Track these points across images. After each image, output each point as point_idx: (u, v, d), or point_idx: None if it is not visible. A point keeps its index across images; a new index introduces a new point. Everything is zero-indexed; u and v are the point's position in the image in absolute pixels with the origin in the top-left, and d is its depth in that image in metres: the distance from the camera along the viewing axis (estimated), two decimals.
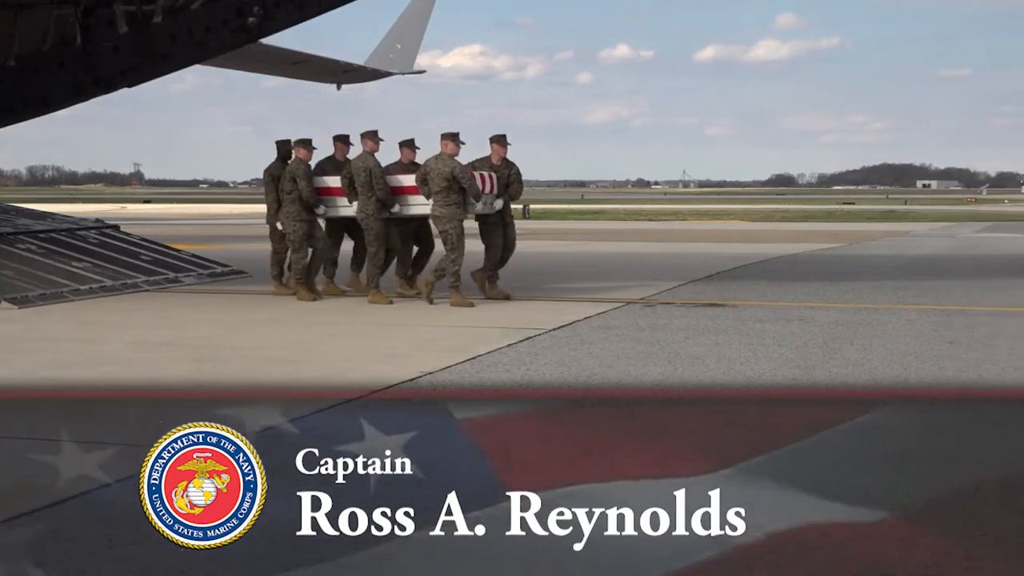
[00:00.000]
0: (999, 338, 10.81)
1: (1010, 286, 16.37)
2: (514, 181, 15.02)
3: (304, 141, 15.07)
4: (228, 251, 24.47)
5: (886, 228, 40.95)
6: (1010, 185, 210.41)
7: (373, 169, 14.45)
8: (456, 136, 14.30)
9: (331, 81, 35.84)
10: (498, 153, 15.00)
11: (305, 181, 14.78)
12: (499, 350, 10.04)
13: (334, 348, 10.66)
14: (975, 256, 24.60)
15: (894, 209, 69.14)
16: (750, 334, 11.12)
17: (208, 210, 67.66)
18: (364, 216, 14.53)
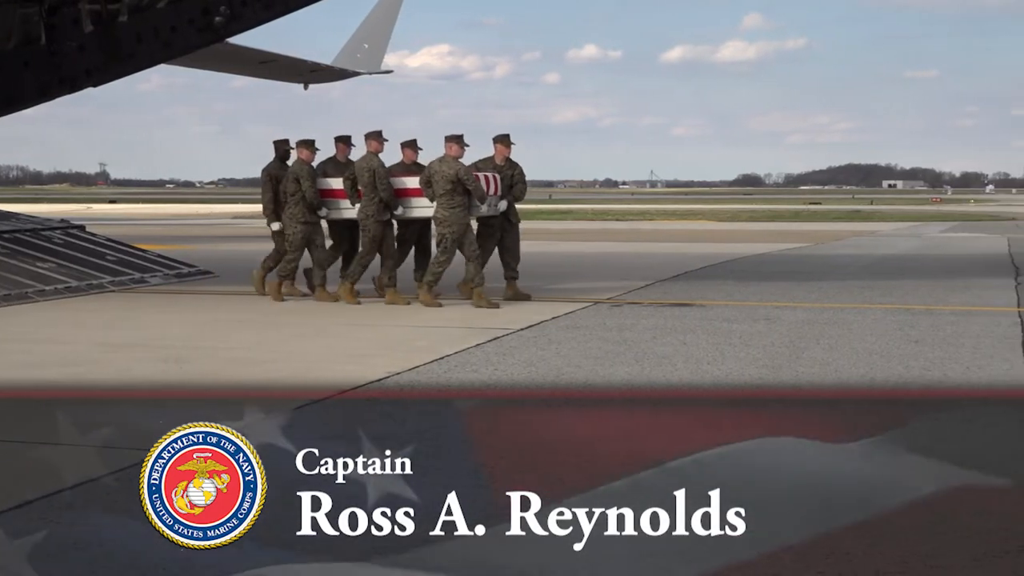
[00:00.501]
0: (964, 337, 10.87)
1: (974, 285, 16.47)
2: (518, 181, 14.84)
3: (307, 142, 14.86)
4: (195, 251, 24.37)
5: (852, 228, 41.15)
6: (975, 185, 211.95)
7: (377, 170, 14.26)
8: (460, 138, 14.13)
9: (298, 81, 35.78)
10: (502, 153, 14.82)
11: (309, 182, 14.61)
12: (467, 350, 10.04)
13: (301, 348, 10.63)
14: (940, 256, 24.75)
15: (860, 209, 69.47)
16: (717, 334, 11.15)
17: (174, 210, 67.36)
18: (364, 217, 14.34)
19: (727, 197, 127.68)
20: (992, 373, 8.85)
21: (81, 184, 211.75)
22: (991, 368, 9.08)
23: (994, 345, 10.33)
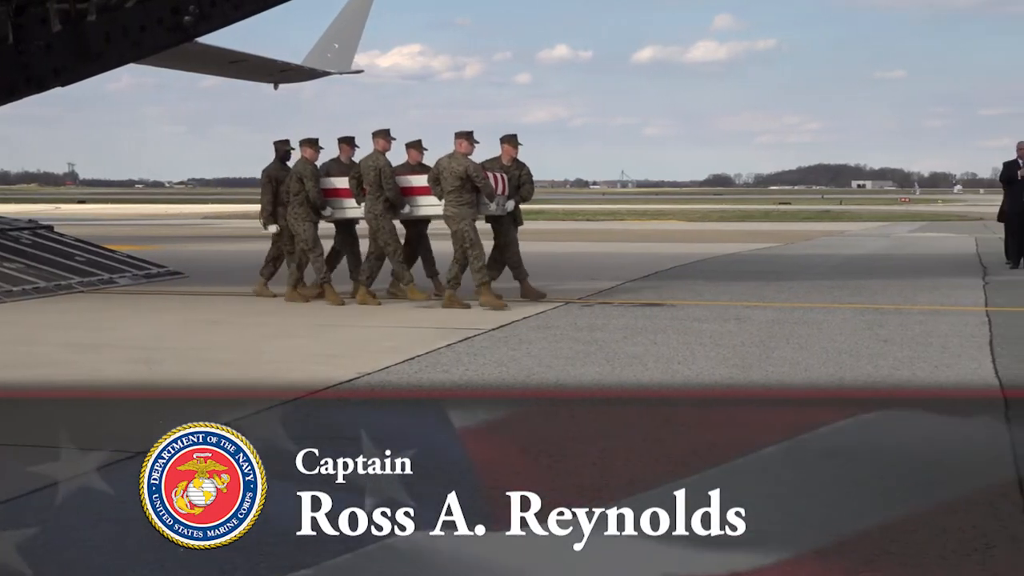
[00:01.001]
0: (932, 336, 10.93)
1: (943, 285, 16.57)
2: (526, 182, 14.68)
3: (311, 141, 14.68)
4: (164, 252, 24.28)
5: (822, 228, 41.32)
6: (943, 185, 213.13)
7: (383, 168, 14.09)
8: (471, 135, 13.96)
9: (268, 80, 35.69)
10: (509, 153, 14.64)
11: (312, 182, 14.43)
12: (437, 350, 10.03)
13: (272, 349, 10.60)
14: (909, 255, 24.88)
15: (830, 209, 69.74)
16: (688, 333, 11.18)
17: (144, 210, 67.07)
18: (373, 216, 14.20)
19: (698, 197, 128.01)
20: (960, 372, 8.90)
21: (49, 184, 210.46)
22: (959, 367, 9.13)
23: (962, 344, 10.40)
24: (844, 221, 48.78)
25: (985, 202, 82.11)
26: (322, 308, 13.82)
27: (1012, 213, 20.28)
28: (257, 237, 33.78)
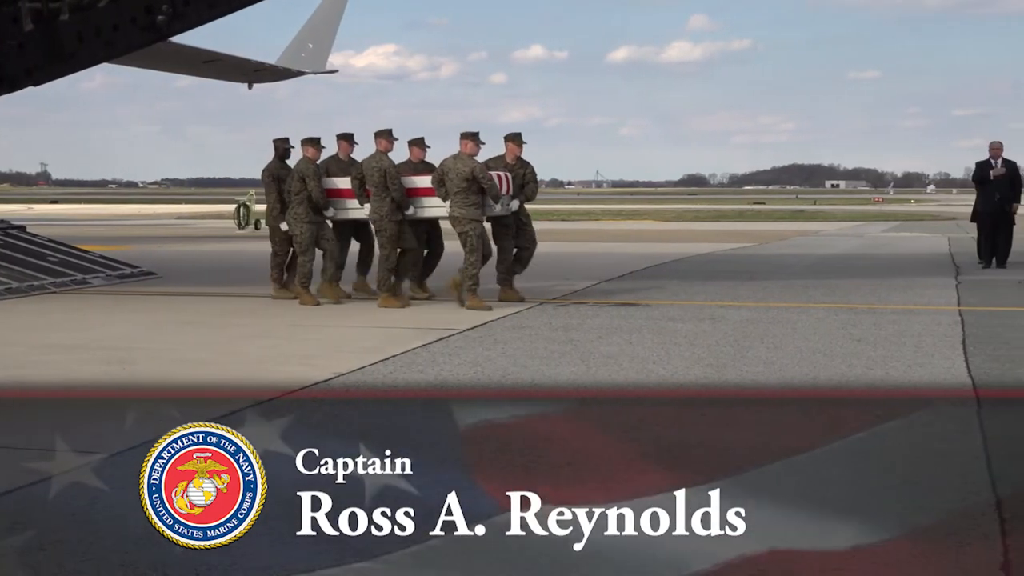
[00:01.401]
0: (905, 336, 10.98)
1: (916, 284, 16.64)
2: (530, 181, 14.55)
3: (312, 140, 14.54)
4: (137, 252, 24.19)
5: (796, 228, 41.45)
6: (916, 185, 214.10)
7: (388, 169, 13.92)
8: (476, 135, 13.80)
9: (242, 80, 35.59)
10: (513, 152, 14.52)
11: (315, 181, 14.25)
12: (413, 350, 10.02)
13: (246, 349, 10.57)
14: (882, 255, 24.98)
15: (804, 209, 69.97)
16: (663, 333, 11.20)
17: (117, 210, 66.79)
18: (378, 218, 14.03)
19: (672, 197, 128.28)
20: (933, 371, 8.94)
21: (22, 184, 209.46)
22: (932, 366, 9.18)
23: (935, 343, 10.45)
24: (818, 221, 48.95)
25: (958, 202, 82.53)
26: (298, 309, 13.78)
27: (984, 213, 20.40)
28: (231, 237, 33.77)
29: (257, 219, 40.21)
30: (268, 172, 14.98)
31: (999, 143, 20.32)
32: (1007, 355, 9.78)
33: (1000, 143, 20.31)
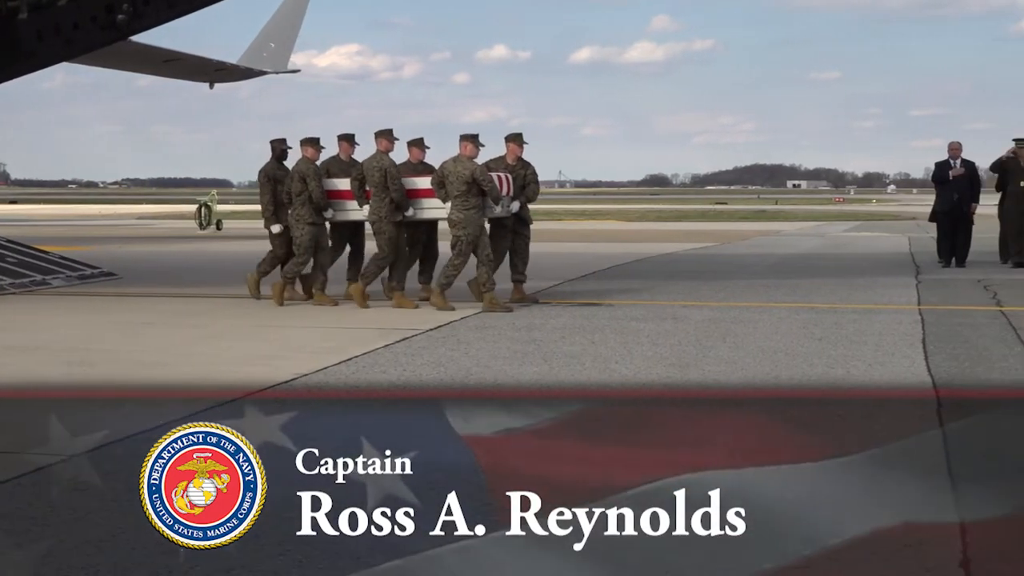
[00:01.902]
0: (866, 335, 11.05)
1: (877, 284, 16.75)
2: (531, 182, 14.37)
3: (312, 140, 14.32)
4: (98, 253, 24.04)
5: (758, 227, 41.63)
6: (877, 185, 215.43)
7: (388, 169, 13.74)
8: (476, 137, 13.63)
9: (204, 80, 35.42)
10: (514, 153, 14.33)
11: (316, 182, 14.02)
12: (375, 351, 10.01)
13: (208, 351, 10.52)
14: (843, 255, 25.12)
15: (765, 209, 70.30)
16: (625, 333, 11.22)
17: (77, 211, 66.35)
18: (377, 219, 13.84)
19: (635, 197, 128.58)
20: (894, 370, 9.00)
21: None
22: (893, 365, 9.24)
23: (895, 343, 10.51)
24: (779, 221, 49.18)
25: (918, 202, 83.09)
26: (261, 309, 13.72)
27: (944, 213, 20.54)
28: (193, 238, 33.61)
29: (219, 219, 40.09)
30: (264, 173, 14.81)
31: (958, 143, 20.47)
32: (966, 354, 9.86)
33: (959, 143, 20.46)
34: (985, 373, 8.91)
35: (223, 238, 34.14)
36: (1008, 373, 8.88)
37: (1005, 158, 20.30)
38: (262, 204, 14.89)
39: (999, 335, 11.01)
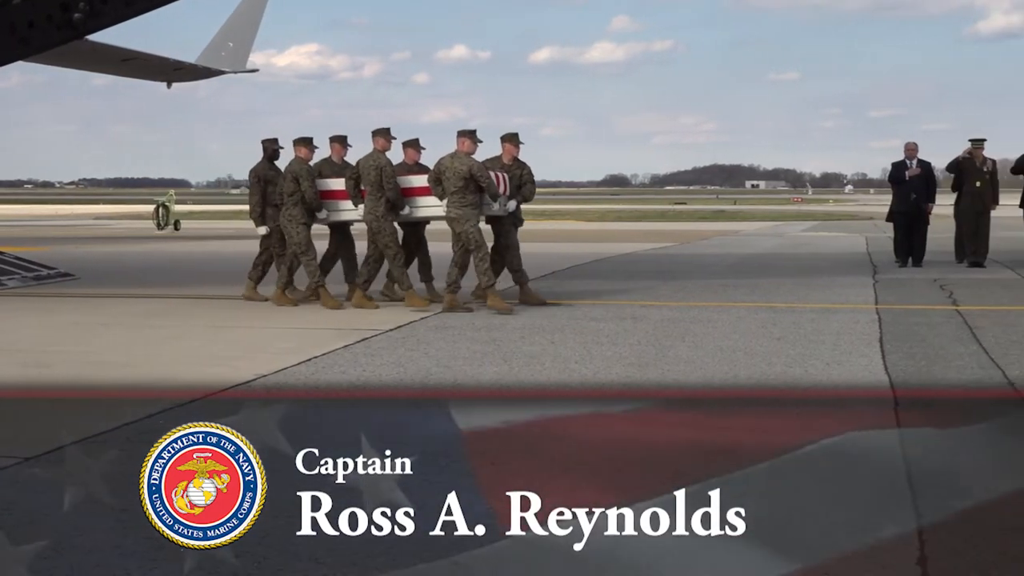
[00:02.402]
0: (824, 334, 11.11)
1: (834, 283, 16.84)
2: (527, 181, 14.25)
3: (306, 140, 14.13)
4: (54, 253, 23.87)
5: (717, 227, 41.81)
6: (834, 185, 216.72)
7: (384, 168, 13.57)
8: (473, 133, 13.52)
9: (161, 79, 35.23)
10: (510, 152, 14.19)
11: (308, 182, 13.88)
12: (335, 351, 9.98)
13: (167, 351, 10.46)
14: (801, 255, 25.26)
15: (724, 209, 70.62)
16: (585, 332, 11.24)
17: (33, 211, 65.82)
18: (373, 218, 13.66)
19: (595, 197, 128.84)
20: (851, 369, 9.06)
21: None
22: (850, 364, 9.29)
23: (853, 342, 10.58)
24: (738, 221, 49.40)
25: (875, 202, 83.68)
26: (220, 310, 13.66)
27: (900, 213, 20.69)
28: (150, 238, 33.42)
29: (177, 219, 39.89)
30: (255, 173, 14.67)
31: (914, 144, 20.61)
32: (923, 352, 9.93)
33: (915, 144, 20.60)
34: (941, 372, 8.98)
35: (181, 238, 33.97)
36: (964, 372, 8.95)
37: (961, 158, 20.46)
38: (250, 204, 14.74)
39: (955, 334, 11.10)
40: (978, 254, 20.12)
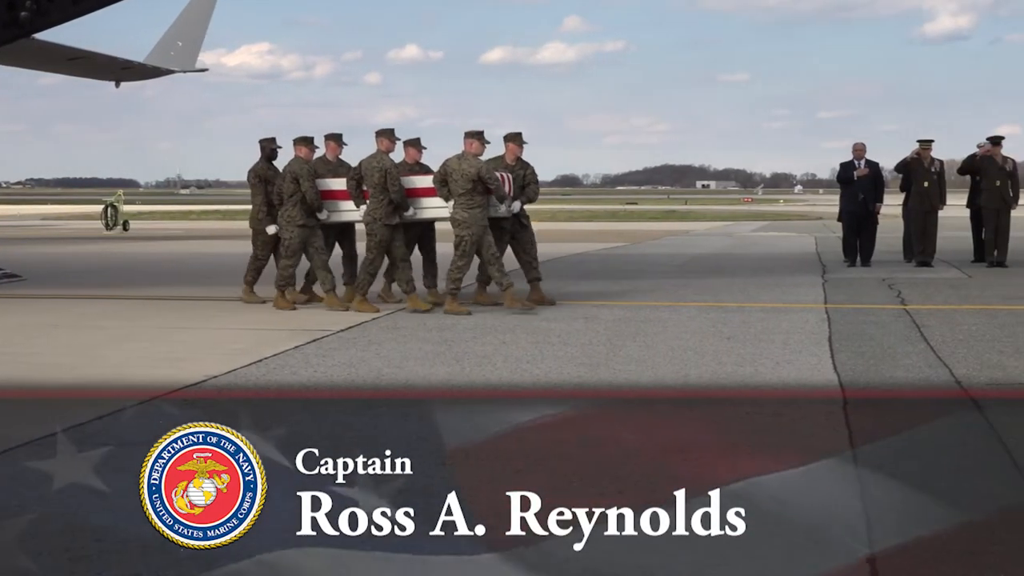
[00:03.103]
0: (774, 333, 11.18)
1: (784, 283, 16.95)
2: (531, 182, 14.10)
3: (306, 139, 13.89)
4: (1, 253, 23.62)
5: (668, 227, 41.97)
6: (784, 185, 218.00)
7: (389, 170, 13.31)
8: (481, 135, 13.32)
9: (110, 79, 34.94)
10: (513, 152, 14.06)
11: (309, 182, 13.59)
12: (286, 352, 9.94)
13: (116, 353, 10.37)
14: (751, 254, 25.40)
15: (675, 209, 70.88)
16: (536, 333, 11.25)
17: None
18: (371, 220, 13.39)
19: (546, 197, 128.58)
20: (801, 368, 9.12)
21: None
22: (800, 363, 9.36)
23: (802, 341, 10.65)
24: (689, 221, 49.62)
25: (825, 202, 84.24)
26: (170, 311, 13.57)
27: (849, 212, 20.85)
28: (99, 239, 33.13)
29: (125, 220, 39.60)
30: (254, 173, 14.38)
31: (862, 144, 20.77)
32: (871, 351, 10.01)
33: (863, 144, 20.76)
34: (889, 371, 9.06)
35: (130, 239, 33.72)
36: (912, 371, 9.03)
37: (909, 159, 20.63)
38: (254, 205, 14.41)
39: (903, 333, 11.20)
40: (926, 253, 20.29)
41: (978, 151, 20.83)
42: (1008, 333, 11.10)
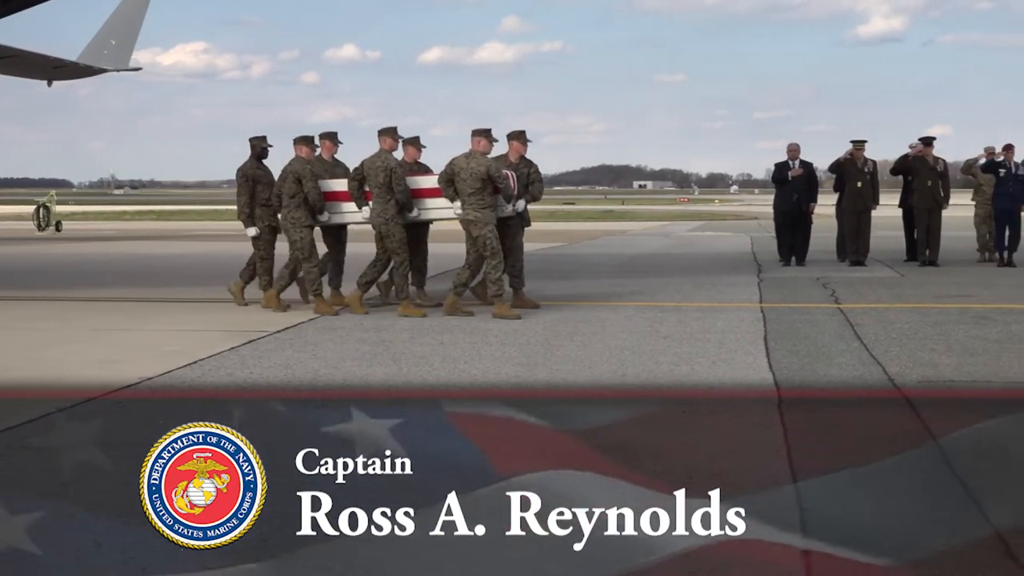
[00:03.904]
0: (710, 332, 11.26)
1: (720, 283, 17.07)
2: (535, 180, 13.87)
3: (307, 138, 13.57)
4: None
5: (605, 227, 42.13)
6: (720, 185, 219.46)
7: (394, 169, 13.03)
8: (489, 132, 13.05)
9: (41, 78, 34.55)
10: (517, 151, 13.83)
11: (311, 183, 13.24)
12: (221, 353, 9.88)
13: (50, 354, 10.26)
14: (688, 254, 25.56)
15: (612, 209, 71.16)
16: (474, 333, 11.26)
17: None
18: (383, 221, 13.06)
19: None
20: (736, 367, 9.19)
21: None
22: (736, 362, 9.43)
23: (738, 340, 10.74)
24: (626, 221, 49.83)
25: (760, 202, 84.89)
26: (105, 313, 13.43)
27: (783, 212, 21.03)
28: (31, 239, 32.74)
29: (58, 220, 39.16)
30: (242, 172, 14.08)
31: (796, 145, 20.96)
32: (806, 350, 10.11)
33: (797, 145, 20.95)
34: (824, 369, 9.15)
35: (63, 239, 33.34)
36: (846, 369, 9.14)
37: (843, 159, 20.83)
38: (238, 204, 14.10)
39: (837, 331, 11.32)
40: (859, 253, 20.51)
41: (910, 151, 21.08)
42: (939, 331, 11.25)
